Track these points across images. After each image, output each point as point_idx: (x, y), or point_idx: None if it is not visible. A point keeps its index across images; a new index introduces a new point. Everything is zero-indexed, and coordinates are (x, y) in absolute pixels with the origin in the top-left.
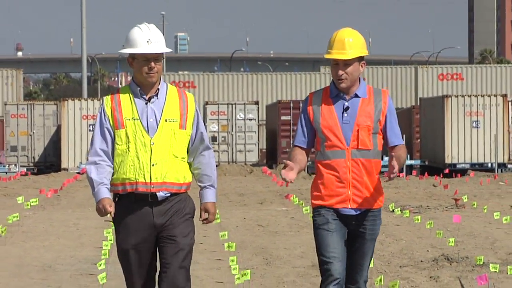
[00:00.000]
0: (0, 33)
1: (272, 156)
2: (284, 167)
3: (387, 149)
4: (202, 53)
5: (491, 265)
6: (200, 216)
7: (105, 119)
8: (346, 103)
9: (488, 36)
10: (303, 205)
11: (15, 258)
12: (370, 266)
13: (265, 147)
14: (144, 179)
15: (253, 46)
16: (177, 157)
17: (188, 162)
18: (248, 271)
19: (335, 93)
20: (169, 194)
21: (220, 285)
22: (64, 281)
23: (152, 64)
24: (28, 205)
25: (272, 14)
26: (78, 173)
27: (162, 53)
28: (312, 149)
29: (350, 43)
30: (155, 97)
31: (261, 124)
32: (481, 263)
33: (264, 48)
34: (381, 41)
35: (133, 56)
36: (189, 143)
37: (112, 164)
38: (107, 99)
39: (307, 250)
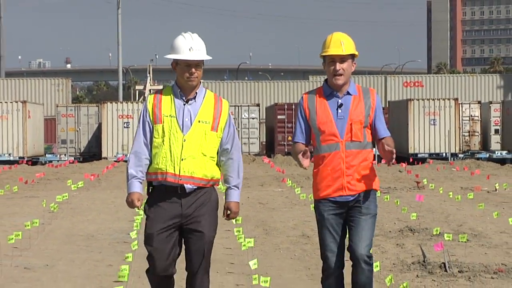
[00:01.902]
0: (53, 49)
1: (270, 147)
2: (302, 154)
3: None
4: (214, 65)
5: (445, 234)
6: (224, 214)
7: (146, 114)
8: (340, 101)
9: (443, 52)
10: (295, 187)
11: (65, 229)
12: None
13: (264, 140)
14: (174, 170)
15: (255, 59)
16: (205, 155)
17: (218, 162)
18: (251, 239)
19: (328, 91)
20: (196, 187)
21: (229, 251)
22: (104, 247)
23: (193, 69)
24: (75, 187)
25: (271, 34)
26: (115, 161)
27: (203, 60)
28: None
29: (345, 43)
30: (193, 99)
31: (261, 122)
32: (438, 233)
33: (264, 61)
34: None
35: (176, 62)
36: (219, 145)
37: (150, 155)
38: (151, 97)
39: (298, 222)
